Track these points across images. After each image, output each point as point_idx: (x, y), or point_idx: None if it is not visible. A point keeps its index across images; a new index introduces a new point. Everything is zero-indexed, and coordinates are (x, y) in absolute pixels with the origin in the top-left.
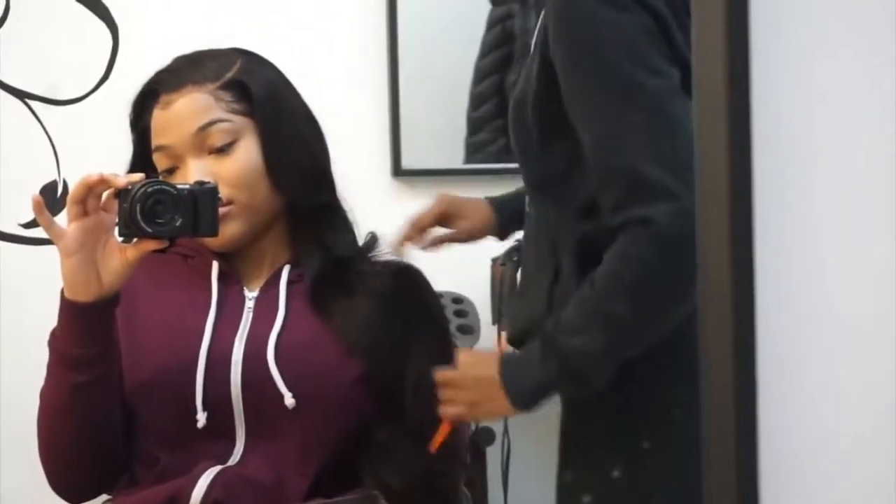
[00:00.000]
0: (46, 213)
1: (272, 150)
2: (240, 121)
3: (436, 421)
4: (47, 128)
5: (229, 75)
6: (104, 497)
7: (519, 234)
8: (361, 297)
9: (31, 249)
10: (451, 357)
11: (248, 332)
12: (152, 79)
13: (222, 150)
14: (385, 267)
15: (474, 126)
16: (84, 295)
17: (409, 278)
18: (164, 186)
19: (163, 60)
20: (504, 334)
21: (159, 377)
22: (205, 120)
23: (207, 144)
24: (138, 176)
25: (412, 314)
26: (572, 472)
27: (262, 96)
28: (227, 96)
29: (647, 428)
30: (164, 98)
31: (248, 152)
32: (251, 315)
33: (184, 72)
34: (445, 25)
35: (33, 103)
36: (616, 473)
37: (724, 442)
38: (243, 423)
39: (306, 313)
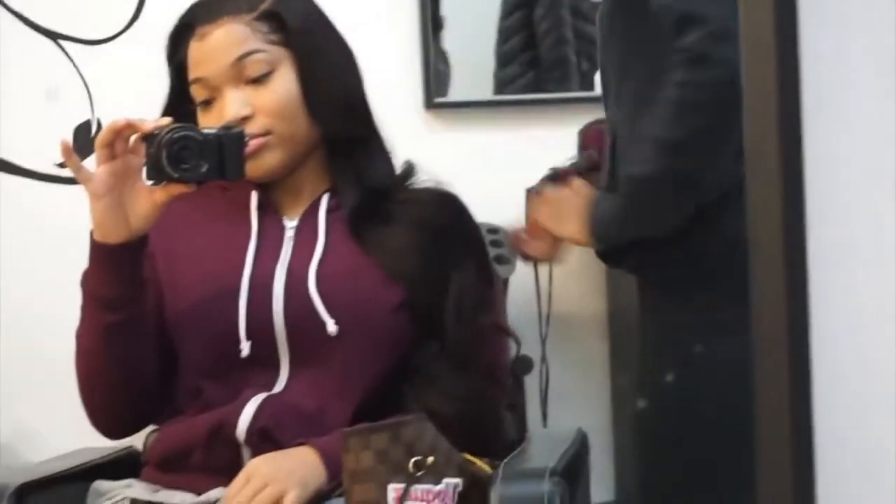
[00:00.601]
0: (75, 156)
1: (309, 80)
2: (276, 51)
3: (477, 344)
4: (80, 68)
5: (264, 6)
6: (150, 427)
7: (554, 164)
8: (399, 225)
9: (68, 189)
10: (490, 280)
11: (289, 261)
12: (187, 11)
13: (259, 81)
14: (423, 194)
15: (503, 60)
16: (113, 237)
17: (447, 204)
18: (189, 132)
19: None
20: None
21: (202, 308)
22: (241, 51)
23: (245, 75)
24: (166, 120)
25: (451, 239)
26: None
27: (298, 27)
28: (262, 27)
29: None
30: (199, 30)
31: (285, 82)
32: (291, 244)
33: (219, 3)
34: None
35: (66, 44)
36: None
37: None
38: (287, 352)
39: (346, 241)
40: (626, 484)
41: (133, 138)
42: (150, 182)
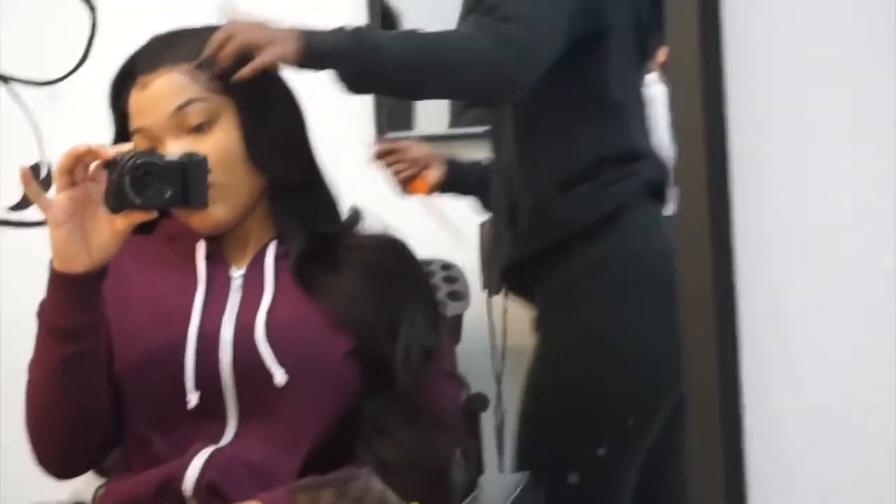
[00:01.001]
0: (34, 183)
1: (250, 128)
2: (217, 99)
3: (426, 392)
4: (29, 110)
5: (206, 54)
6: (96, 483)
7: None
8: (347, 272)
9: (19, 233)
10: (438, 327)
11: (237, 310)
12: (128, 60)
13: (200, 129)
14: (370, 240)
15: None
16: (73, 265)
17: (394, 250)
18: (152, 157)
19: (142, 38)
20: (494, 300)
21: (149, 358)
22: (181, 99)
23: (185, 124)
24: (127, 146)
25: (398, 286)
26: None
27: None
28: (203, 75)
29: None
30: (140, 79)
31: (226, 131)
32: (239, 294)
33: (159, 52)
34: None
35: (14, 85)
36: None
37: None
38: (235, 403)
39: (293, 290)
40: None
41: (94, 165)
42: (111, 209)
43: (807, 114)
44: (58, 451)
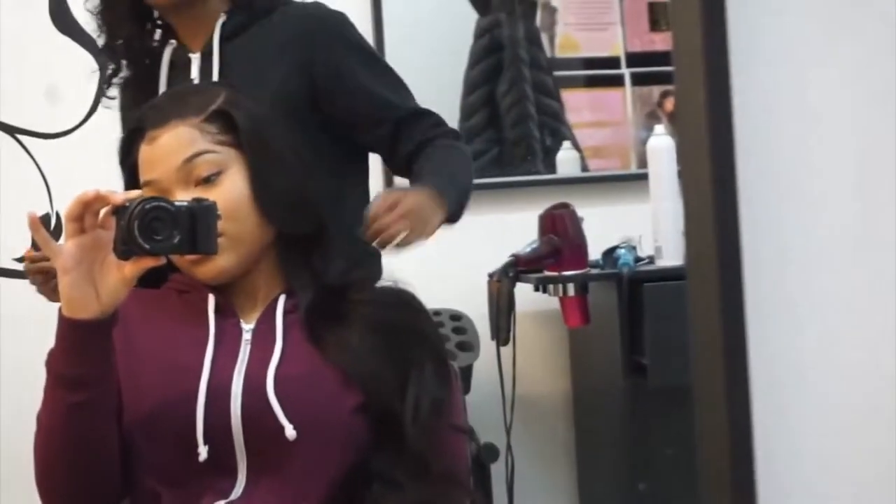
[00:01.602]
0: (43, 230)
1: (258, 179)
2: (226, 151)
3: (435, 448)
4: (38, 161)
5: (213, 107)
6: None
7: (514, 248)
8: (356, 327)
9: (25, 284)
10: (448, 381)
11: (247, 364)
12: (138, 116)
13: (209, 181)
14: (378, 294)
15: (466, 137)
16: (82, 312)
17: (402, 304)
18: (161, 203)
19: None
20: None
21: (159, 413)
22: (190, 152)
23: (194, 176)
24: (136, 193)
25: (406, 341)
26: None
27: (247, 126)
28: (211, 128)
29: None
30: (149, 134)
31: (234, 183)
32: (249, 347)
33: (168, 107)
34: (433, 37)
35: (23, 138)
36: None
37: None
38: (245, 457)
39: (303, 343)
40: None
41: (103, 212)
42: (120, 256)
43: (815, 167)
44: (65, 501)
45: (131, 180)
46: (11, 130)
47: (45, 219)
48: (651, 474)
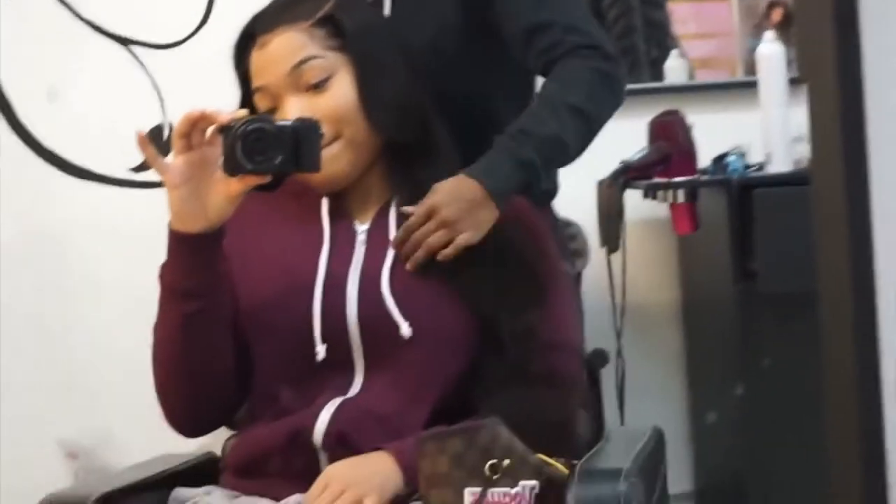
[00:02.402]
0: (151, 147)
1: (365, 84)
2: (334, 57)
3: (538, 359)
4: (151, 73)
5: (322, 13)
6: (227, 434)
7: (623, 156)
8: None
9: (142, 193)
10: (542, 304)
11: (362, 264)
12: (249, 22)
13: (318, 87)
14: None
15: None
16: (190, 226)
17: (513, 219)
18: (264, 124)
19: (260, 3)
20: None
21: (277, 313)
22: (299, 57)
23: (303, 82)
24: (242, 112)
25: (502, 260)
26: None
27: (355, 31)
28: (320, 33)
29: None
30: (259, 39)
31: (343, 87)
32: (364, 248)
33: (278, 12)
34: None
35: (136, 49)
36: None
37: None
38: (361, 355)
39: None
40: (704, 473)
41: (210, 130)
42: (226, 173)
43: None
44: (185, 409)
45: (245, 86)
46: (125, 41)
47: (157, 129)
48: (761, 379)
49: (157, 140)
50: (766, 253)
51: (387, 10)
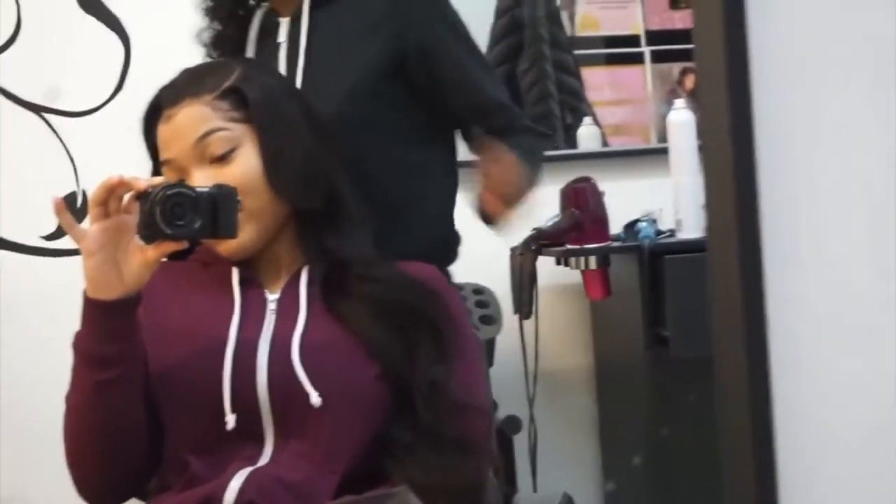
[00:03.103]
0: (68, 213)
1: (269, 155)
2: (238, 128)
3: (451, 423)
4: (64, 140)
5: (227, 84)
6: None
7: (536, 223)
8: (373, 302)
9: (54, 261)
10: (451, 362)
11: (273, 334)
12: (156, 95)
13: (223, 159)
14: (388, 272)
15: None
16: (106, 293)
17: (410, 285)
18: (183, 189)
19: (176, 68)
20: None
21: (187, 382)
22: (202, 130)
23: (208, 154)
24: (158, 179)
25: (408, 321)
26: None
27: (258, 102)
28: (224, 105)
29: None
30: (165, 113)
31: (248, 159)
32: (274, 317)
33: (183, 86)
34: None
35: (49, 116)
36: None
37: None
38: (272, 424)
39: (326, 314)
40: None
41: (127, 197)
42: (143, 240)
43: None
44: (96, 478)
45: (154, 158)
46: (38, 109)
47: (71, 197)
48: (672, 443)
49: (70, 207)
50: (677, 318)
51: (298, 80)
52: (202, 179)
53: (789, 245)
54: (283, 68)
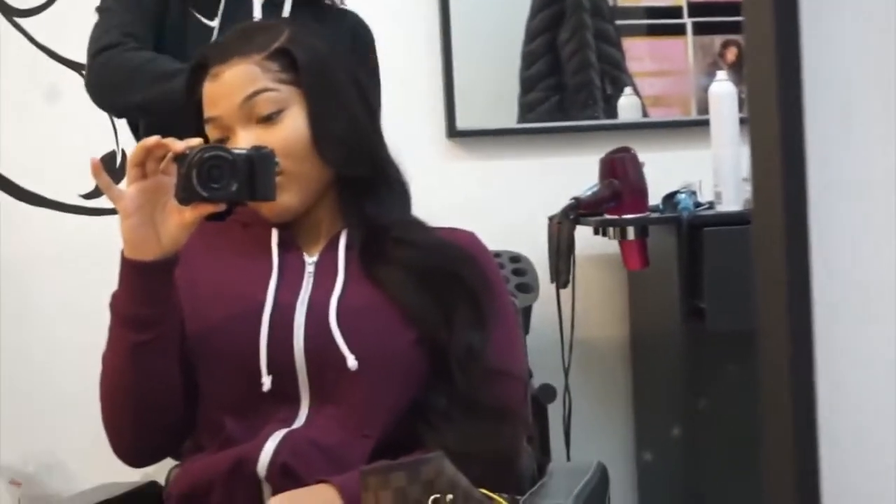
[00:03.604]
0: (105, 174)
1: (317, 119)
2: (286, 90)
3: (486, 390)
4: None
5: (276, 45)
6: (171, 463)
7: (575, 192)
8: (413, 269)
9: (93, 220)
10: (504, 323)
11: (310, 296)
12: (203, 52)
13: (270, 119)
14: (425, 238)
15: (527, 85)
16: (143, 254)
17: (446, 249)
18: (220, 152)
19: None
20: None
21: (224, 344)
22: (251, 90)
23: (255, 114)
24: (197, 141)
25: (445, 286)
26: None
27: (308, 65)
28: (273, 66)
29: None
30: (213, 70)
31: (294, 122)
32: (312, 280)
33: (232, 44)
34: None
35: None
36: None
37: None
38: (307, 387)
39: (363, 279)
40: None
41: (166, 158)
42: (180, 202)
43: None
44: (132, 438)
45: (197, 116)
46: (78, 67)
47: (110, 156)
48: (706, 416)
49: (109, 167)
50: (715, 291)
51: None
52: (247, 139)
53: (837, 222)
54: None
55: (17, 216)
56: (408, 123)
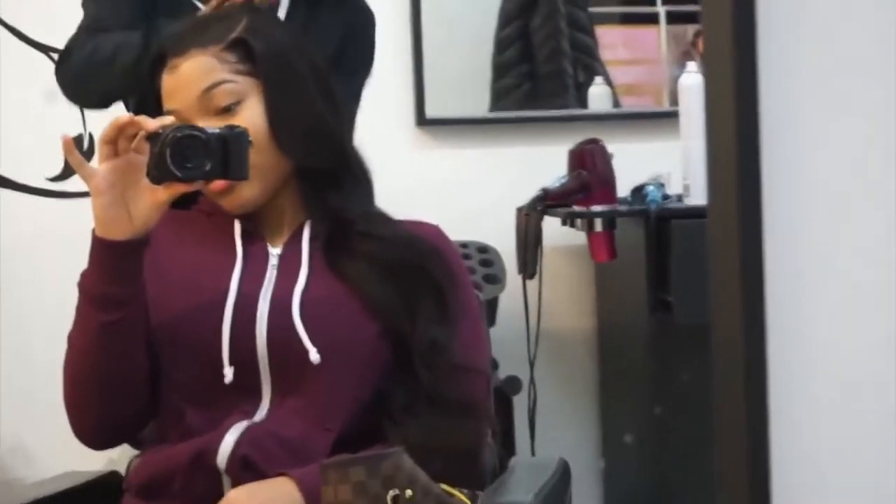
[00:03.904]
0: (76, 152)
1: (274, 110)
2: (244, 81)
3: (449, 384)
4: None
5: (233, 35)
6: (131, 453)
7: (544, 182)
8: (376, 261)
9: (59, 203)
10: (448, 322)
11: (273, 288)
12: (161, 43)
13: (228, 111)
14: (390, 230)
15: (499, 71)
16: (114, 233)
17: (411, 242)
18: (194, 131)
19: None
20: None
21: (186, 334)
22: (208, 82)
23: (213, 106)
24: (169, 119)
25: (409, 279)
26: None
27: (266, 55)
28: (231, 57)
29: None
30: (170, 62)
31: (252, 112)
32: (275, 272)
33: (189, 35)
34: None
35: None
36: None
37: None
38: (269, 379)
39: (327, 271)
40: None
41: (138, 137)
42: (153, 181)
43: (841, 97)
44: (94, 420)
45: (157, 107)
46: (46, 49)
47: (77, 139)
48: (672, 409)
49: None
50: (682, 284)
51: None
52: None
53: (789, 216)
54: None
55: None
56: (375, 110)
